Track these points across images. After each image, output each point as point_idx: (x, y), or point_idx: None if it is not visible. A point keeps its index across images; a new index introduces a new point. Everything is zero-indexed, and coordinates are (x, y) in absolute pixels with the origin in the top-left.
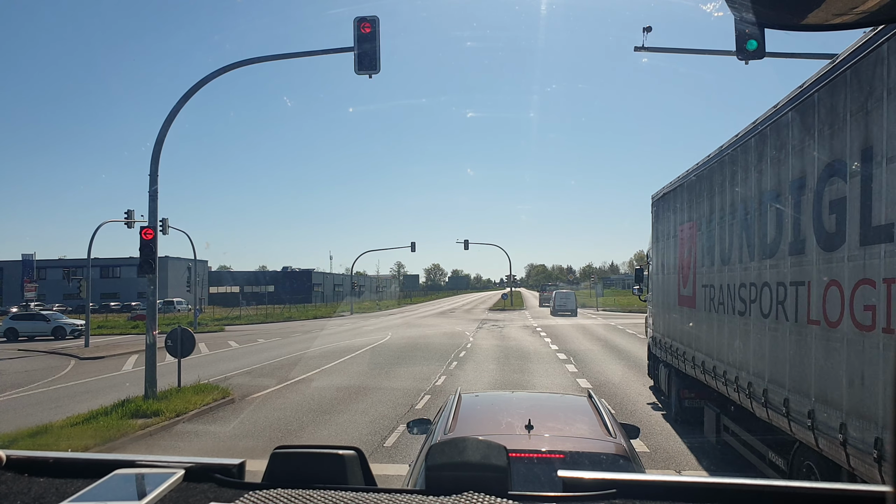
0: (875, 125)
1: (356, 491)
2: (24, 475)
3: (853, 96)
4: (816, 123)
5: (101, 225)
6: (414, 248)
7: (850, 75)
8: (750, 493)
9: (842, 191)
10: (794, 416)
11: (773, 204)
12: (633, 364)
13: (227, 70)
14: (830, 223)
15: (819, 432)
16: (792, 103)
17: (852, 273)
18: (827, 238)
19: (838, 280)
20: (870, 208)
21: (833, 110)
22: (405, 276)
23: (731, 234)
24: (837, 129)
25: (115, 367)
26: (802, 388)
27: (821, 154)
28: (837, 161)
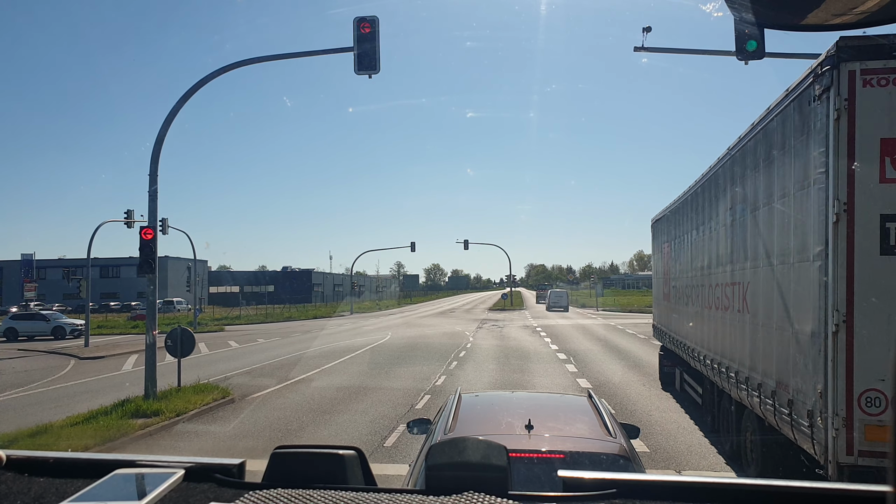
0: (746, 189)
1: (356, 491)
2: (24, 475)
3: (737, 171)
4: (720, 186)
5: (101, 225)
6: (414, 248)
7: (737, 156)
8: (750, 493)
9: (720, 233)
10: (711, 366)
11: (699, 237)
12: (633, 364)
13: (227, 70)
14: (727, 248)
15: (721, 375)
16: (706, 175)
17: (729, 278)
18: (723, 258)
19: (727, 283)
20: (730, 240)
21: (729, 178)
22: (405, 276)
23: (682, 253)
24: (722, 192)
25: (115, 366)
26: (716, 348)
27: (721, 205)
28: (728, 210)
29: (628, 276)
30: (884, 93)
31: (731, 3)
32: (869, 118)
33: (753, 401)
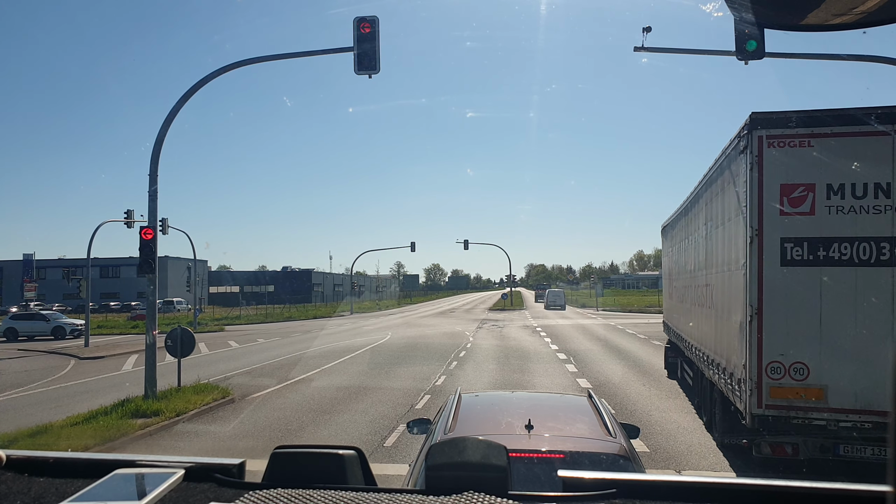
0: (711, 210)
1: (356, 491)
2: (24, 475)
3: (706, 194)
4: (700, 204)
5: (101, 225)
6: (414, 248)
7: (706, 182)
8: (750, 493)
9: (700, 243)
10: (696, 353)
11: (689, 244)
12: (633, 364)
13: (227, 70)
14: (703, 256)
15: (701, 359)
16: (693, 192)
17: (702, 280)
18: (701, 263)
19: (704, 284)
20: (706, 249)
21: (704, 198)
22: (405, 276)
23: (680, 257)
24: (701, 209)
25: (115, 366)
26: (698, 338)
27: (701, 219)
28: (703, 225)
29: (628, 276)
30: (781, 152)
31: (731, 3)
32: (772, 169)
33: (716, 378)
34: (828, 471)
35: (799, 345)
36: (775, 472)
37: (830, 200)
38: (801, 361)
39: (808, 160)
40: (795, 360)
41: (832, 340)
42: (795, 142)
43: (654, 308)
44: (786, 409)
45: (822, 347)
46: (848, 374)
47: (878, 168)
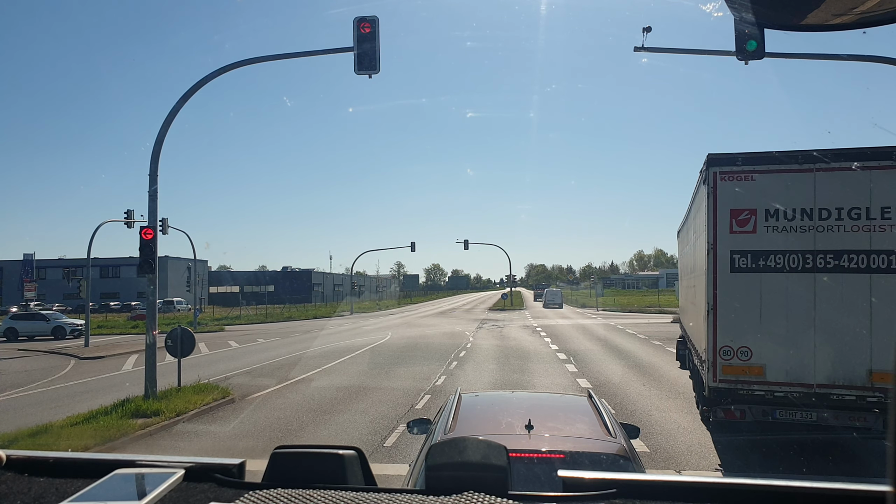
0: (696, 223)
1: (356, 491)
2: (25, 475)
3: (692, 209)
4: (691, 216)
5: (101, 225)
6: (414, 248)
7: (690, 204)
8: (750, 493)
9: (691, 250)
10: (690, 345)
11: (687, 250)
12: (633, 364)
13: (227, 70)
14: (693, 261)
15: (692, 350)
16: (689, 205)
17: (692, 282)
18: (693, 267)
19: (692, 285)
20: (693, 256)
21: (692, 212)
22: (405, 276)
23: (683, 262)
24: (691, 221)
25: (115, 366)
26: (690, 330)
27: (692, 229)
28: (692, 234)
29: (628, 276)
30: (731, 184)
31: (731, 3)
32: (724, 198)
33: (696, 362)
34: (770, 429)
35: (744, 333)
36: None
37: (768, 222)
38: (746, 346)
39: (751, 190)
40: (741, 344)
41: (769, 330)
42: (742, 176)
43: (653, 308)
44: (734, 382)
45: (762, 335)
46: (780, 356)
47: (803, 197)
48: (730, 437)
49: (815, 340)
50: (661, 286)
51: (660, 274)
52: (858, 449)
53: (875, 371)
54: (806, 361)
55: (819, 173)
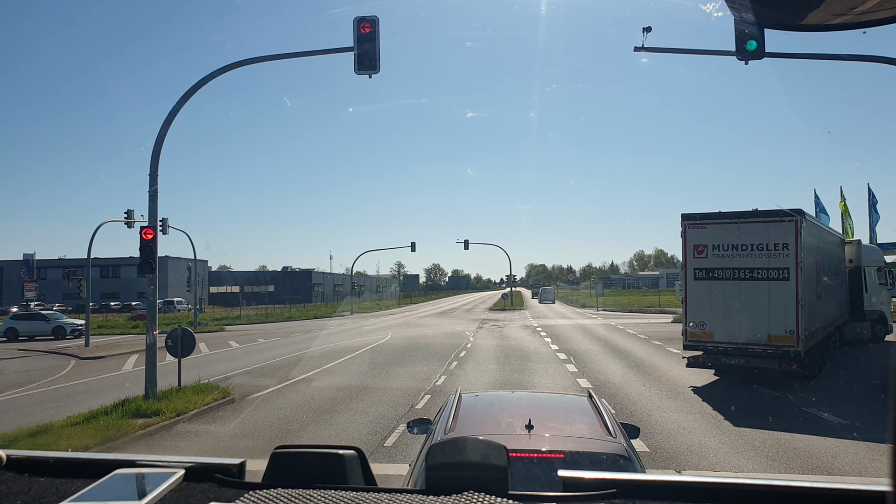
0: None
1: (356, 491)
2: (25, 475)
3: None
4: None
5: (101, 225)
6: (414, 248)
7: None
8: (750, 492)
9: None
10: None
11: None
12: (633, 364)
13: (227, 70)
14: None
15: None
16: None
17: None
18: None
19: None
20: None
21: None
22: (405, 276)
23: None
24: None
25: (116, 366)
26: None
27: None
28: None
29: (628, 276)
30: (693, 231)
31: (731, 3)
32: (690, 237)
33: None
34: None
35: (701, 313)
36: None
37: (714, 251)
38: (703, 321)
39: (704, 234)
40: (700, 320)
41: (714, 312)
42: (699, 226)
43: (654, 308)
44: (697, 341)
45: (711, 315)
46: (721, 326)
47: (733, 237)
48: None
49: (740, 317)
50: (662, 286)
51: (660, 274)
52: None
53: (772, 335)
54: (734, 329)
55: (741, 224)
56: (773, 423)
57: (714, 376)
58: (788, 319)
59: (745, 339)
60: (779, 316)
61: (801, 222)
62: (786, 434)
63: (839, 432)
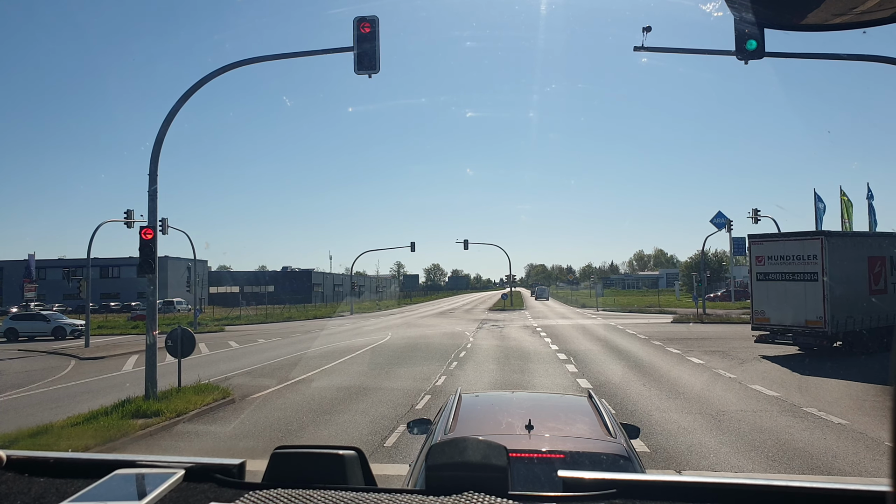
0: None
1: (356, 491)
2: (25, 475)
3: None
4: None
5: (101, 225)
6: (414, 248)
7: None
8: (750, 492)
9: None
10: None
11: None
12: (633, 364)
13: (227, 70)
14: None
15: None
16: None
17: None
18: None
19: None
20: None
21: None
22: (405, 276)
23: None
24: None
25: (116, 367)
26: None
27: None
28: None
29: (628, 276)
30: (756, 245)
31: (731, 2)
32: (754, 250)
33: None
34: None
35: (761, 304)
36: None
37: (770, 260)
38: (762, 309)
39: (762, 248)
40: (760, 309)
41: (770, 302)
42: (759, 242)
43: (653, 308)
44: (759, 325)
45: (768, 304)
46: (774, 313)
47: (781, 250)
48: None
49: (786, 307)
50: (661, 286)
51: (660, 274)
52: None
53: (807, 319)
54: (783, 315)
55: (786, 241)
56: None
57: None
58: (818, 308)
59: (790, 322)
60: (812, 306)
61: (825, 240)
62: (785, 434)
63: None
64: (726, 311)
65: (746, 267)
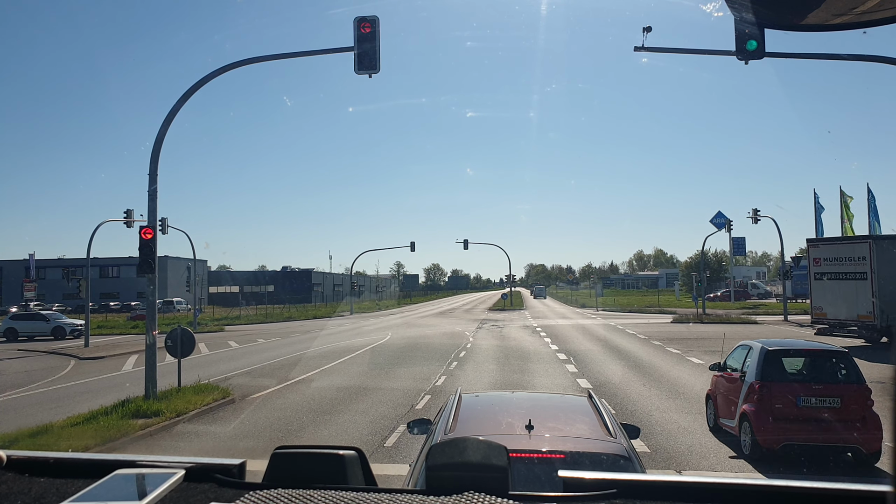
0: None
1: (356, 491)
2: (25, 475)
3: None
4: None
5: (101, 224)
6: (413, 247)
7: None
8: (750, 493)
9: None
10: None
11: None
12: (633, 364)
13: (227, 70)
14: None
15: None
16: None
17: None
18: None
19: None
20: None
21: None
22: (405, 276)
23: None
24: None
25: (115, 367)
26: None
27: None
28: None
29: (628, 276)
30: (813, 248)
31: (731, 2)
32: (811, 253)
33: None
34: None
35: (819, 300)
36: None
37: (826, 262)
38: (820, 305)
39: (819, 250)
40: (819, 304)
41: (826, 299)
42: (816, 245)
43: (653, 308)
44: (817, 319)
45: (825, 301)
46: (831, 309)
47: (835, 253)
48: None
49: (841, 303)
50: (661, 286)
51: (659, 274)
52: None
53: (859, 314)
54: (839, 310)
55: (839, 244)
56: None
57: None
58: (867, 304)
59: (844, 317)
60: (862, 302)
61: (872, 244)
62: None
63: None
64: (726, 311)
65: (746, 267)
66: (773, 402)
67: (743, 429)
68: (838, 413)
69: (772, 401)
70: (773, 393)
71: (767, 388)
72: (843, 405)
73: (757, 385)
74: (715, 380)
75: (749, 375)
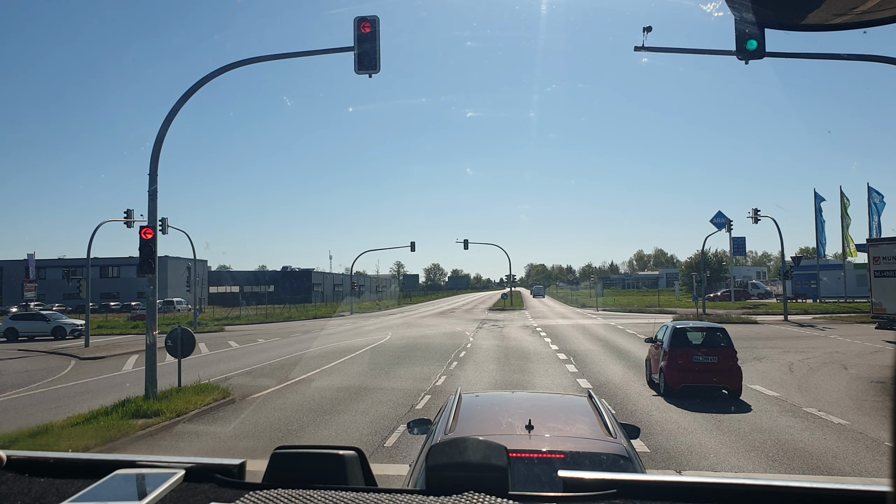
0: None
1: (356, 491)
2: (25, 475)
3: None
4: None
5: (101, 224)
6: (414, 247)
7: None
8: (750, 492)
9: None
10: None
11: None
12: (633, 364)
13: (227, 70)
14: None
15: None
16: None
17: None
18: None
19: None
20: None
21: None
22: (405, 276)
23: None
24: None
25: (116, 367)
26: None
27: None
28: None
29: (628, 276)
30: (873, 248)
31: (731, 2)
32: (871, 252)
33: None
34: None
35: (878, 296)
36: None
37: (884, 260)
38: (880, 301)
39: (877, 250)
40: (878, 300)
41: (885, 295)
42: (875, 244)
43: (653, 308)
44: (877, 314)
45: (884, 296)
46: (890, 304)
47: (892, 251)
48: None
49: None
50: (661, 286)
51: (660, 274)
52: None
53: None
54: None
55: (894, 244)
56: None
57: None
58: None
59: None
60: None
61: None
62: (786, 434)
63: None
64: (726, 311)
65: (746, 267)
66: (677, 360)
67: (661, 377)
68: (716, 366)
69: (676, 359)
70: (677, 354)
71: (674, 351)
72: (719, 361)
73: (668, 350)
74: (649, 349)
75: (665, 344)
